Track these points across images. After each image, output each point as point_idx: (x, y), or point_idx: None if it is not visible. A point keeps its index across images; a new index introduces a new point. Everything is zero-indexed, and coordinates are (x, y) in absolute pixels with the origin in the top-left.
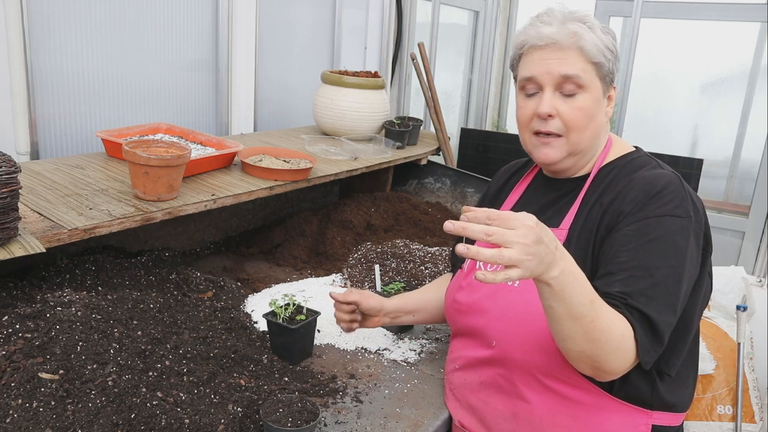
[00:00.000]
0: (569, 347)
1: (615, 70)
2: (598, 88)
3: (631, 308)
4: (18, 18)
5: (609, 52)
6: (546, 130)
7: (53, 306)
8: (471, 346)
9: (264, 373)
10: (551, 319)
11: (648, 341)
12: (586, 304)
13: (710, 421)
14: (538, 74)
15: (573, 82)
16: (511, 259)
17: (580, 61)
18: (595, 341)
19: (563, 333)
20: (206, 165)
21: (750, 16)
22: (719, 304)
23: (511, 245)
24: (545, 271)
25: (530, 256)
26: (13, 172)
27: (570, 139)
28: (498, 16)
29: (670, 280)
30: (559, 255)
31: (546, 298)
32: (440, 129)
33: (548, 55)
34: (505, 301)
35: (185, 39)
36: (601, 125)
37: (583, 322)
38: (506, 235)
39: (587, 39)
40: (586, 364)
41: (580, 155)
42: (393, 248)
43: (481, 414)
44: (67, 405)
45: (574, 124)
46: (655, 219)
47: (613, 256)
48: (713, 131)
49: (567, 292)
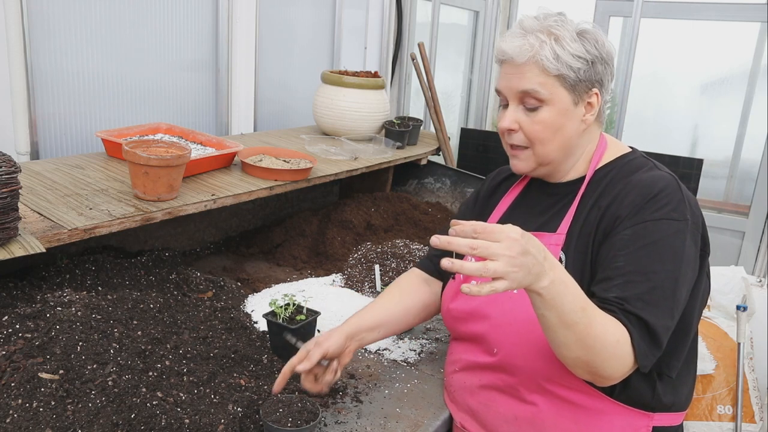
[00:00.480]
0: (565, 354)
1: (597, 76)
2: (564, 99)
3: (629, 314)
4: (18, 18)
5: (580, 60)
6: (511, 143)
7: (53, 306)
8: (472, 350)
9: (264, 373)
10: (545, 327)
11: (646, 346)
12: (578, 311)
13: (710, 421)
14: (502, 88)
15: (532, 97)
16: (497, 272)
17: (537, 75)
18: (590, 348)
19: (557, 341)
20: (206, 165)
21: (750, 16)
22: (719, 304)
23: (496, 258)
24: (534, 281)
25: (516, 267)
26: (13, 172)
27: (535, 151)
28: (498, 16)
29: (668, 284)
30: (548, 265)
31: (538, 307)
32: (440, 129)
33: (508, 71)
34: (505, 308)
35: (185, 39)
36: (574, 134)
37: (576, 330)
38: (491, 248)
39: (545, 53)
40: (583, 370)
41: (553, 164)
42: (393, 248)
43: (481, 417)
44: (67, 405)
45: (536, 138)
46: (652, 223)
47: (610, 260)
48: (713, 131)
49: (558, 301)
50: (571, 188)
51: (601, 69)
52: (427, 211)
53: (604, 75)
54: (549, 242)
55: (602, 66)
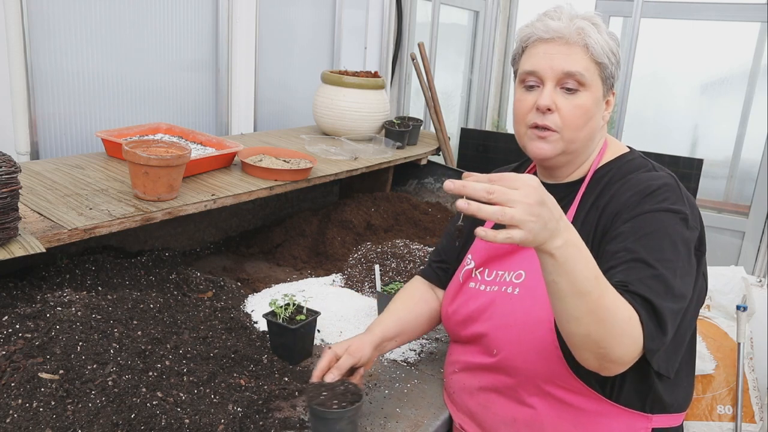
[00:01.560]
0: (574, 331)
1: (616, 76)
2: (599, 89)
3: (634, 294)
4: (18, 18)
5: (613, 55)
6: (543, 124)
7: (53, 306)
8: (471, 351)
9: (264, 373)
10: (555, 297)
11: (654, 327)
12: (591, 279)
13: (710, 421)
14: (541, 68)
15: (575, 79)
16: (513, 218)
17: (584, 58)
18: (602, 322)
19: (568, 312)
20: (206, 165)
21: (750, 16)
22: (719, 304)
23: (513, 204)
24: (548, 238)
25: (533, 216)
26: (13, 172)
27: (565, 135)
28: (498, 16)
29: (669, 272)
30: (563, 225)
31: (549, 272)
32: (440, 129)
33: (553, 50)
34: (505, 309)
35: (185, 39)
36: (597, 128)
37: (589, 299)
38: (508, 194)
39: (594, 37)
40: (591, 352)
41: (573, 155)
42: (393, 248)
43: (480, 418)
44: (67, 405)
45: (572, 122)
46: (651, 214)
47: (611, 253)
48: (713, 131)
49: (571, 265)
50: (571, 189)
51: (617, 72)
52: (427, 211)
53: (617, 78)
54: None
55: (618, 69)
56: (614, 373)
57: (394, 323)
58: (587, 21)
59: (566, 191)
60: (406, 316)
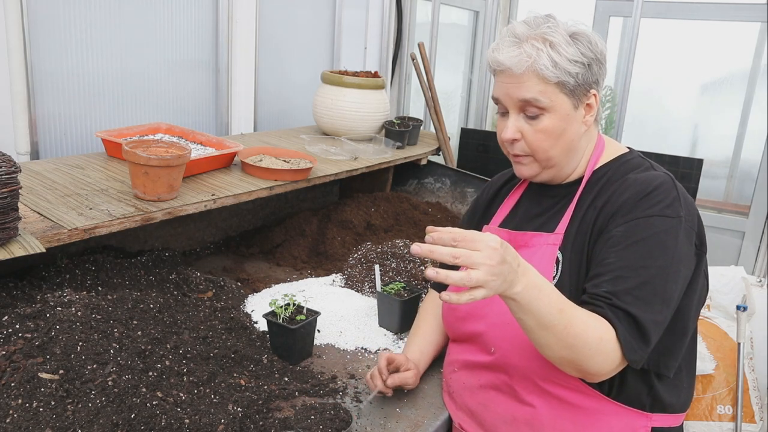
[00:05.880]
0: (549, 354)
1: (594, 77)
2: (565, 105)
3: (617, 308)
4: (18, 18)
5: (577, 64)
6: (513, 153)
7: (53, 306)
8: (469, 350)
9: (264, 373)
10: (524, 330)
11: (634, 341)
12: (555, 313)
13: (710, 421)
14: (501, 97)
15: (533, 105)
16: (478, 281)
17: (538, 84)
18: (571, 347)
19: (539, 342)
20: (206, 165)
21: (750, 16)
22: (719, 304)
23: (477, 266)
24: (508, 288)
25: (495, 276)
26: (13, 172)
27: (537, 157)
28: (498, 16)
29: (658, 280)
30: (521, 271)
31: (515, 311)
32: (440, 129)
33: (506, 80)
34: (501, 307)
35: (185, 39)
36: (576, 137)
37: (555, 331)
38: (472, 256)
39: (544, 60)
40: (570, 368)
41: (557, 168)
42: (393, 248)
43: (480, 417)
44: (67, 405)
45: (538, 146)
46: (643, 220)
47: (602, 258)
48: (713, 131)
49: (533, 305)
50: (569, 189)
51: (597, 69)
52: (427, 211)
53: (599, 75)
54: (547, 242)
55: (597, 66)
56: (600, 380)
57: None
58: (538, 41)
59: (565, 191)
60: (434, 335)
